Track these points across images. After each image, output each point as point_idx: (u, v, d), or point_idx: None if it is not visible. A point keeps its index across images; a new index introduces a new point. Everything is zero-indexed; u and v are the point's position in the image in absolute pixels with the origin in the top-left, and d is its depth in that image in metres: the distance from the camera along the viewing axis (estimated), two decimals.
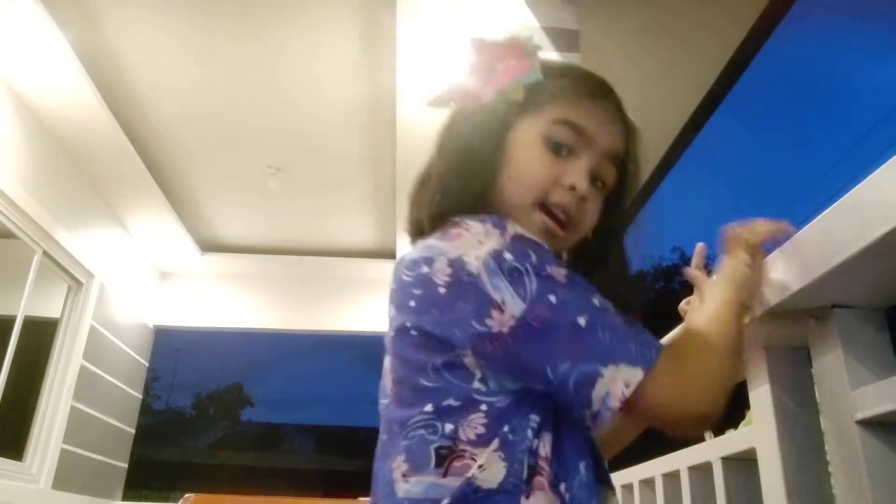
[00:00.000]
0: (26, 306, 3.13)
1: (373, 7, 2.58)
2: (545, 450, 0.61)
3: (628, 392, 0.58)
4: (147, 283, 4.50)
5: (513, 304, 0.60)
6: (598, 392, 0.58)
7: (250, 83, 3.09)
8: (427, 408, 0.62)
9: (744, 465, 1.00)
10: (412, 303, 0.65)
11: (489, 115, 0.74)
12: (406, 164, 3.04)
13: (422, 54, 2.46)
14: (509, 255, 0.62)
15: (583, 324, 0.60)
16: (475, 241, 0.63)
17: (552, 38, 2.21)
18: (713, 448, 1.07)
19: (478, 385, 0.62)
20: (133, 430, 4.35)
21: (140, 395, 4.43)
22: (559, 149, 0.72)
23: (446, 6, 2.35)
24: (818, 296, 0.72)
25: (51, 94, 2.88)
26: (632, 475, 1.42)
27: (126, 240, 4.11)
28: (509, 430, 0.60)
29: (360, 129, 3.35)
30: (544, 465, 0.60)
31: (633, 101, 0.77)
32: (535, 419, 0.62)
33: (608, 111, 0.74)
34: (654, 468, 1.32)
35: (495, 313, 0.60)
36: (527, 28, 2.19)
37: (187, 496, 3.13)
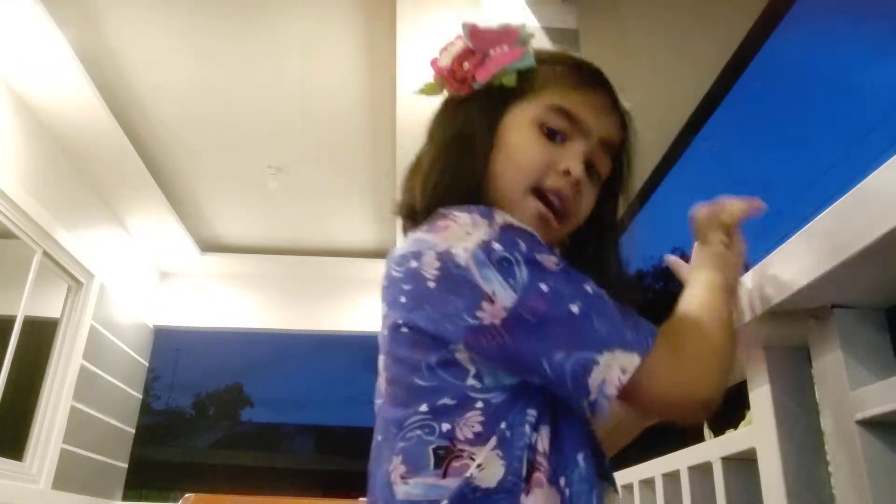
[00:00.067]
0: (26, 306, 3.14)
1: (373, 7, 2.58)
2: (543, 444, 0.60)
3: (625, 378, 0.57)
4: (147, 283, 4.50)
5: (504, 295, 0.58)
6: (594, 380, 0.57)
7: (250, 83, 3.09)
8: (422, 407, 0.61)
9: (744, 466, 1.00)
10: (403, 299, 0.64)
11: (482, 101, 0.73)
12: (406, 165, 3.03)
13: (422, 54, 2.46)
14: (498, 244, 0.60)
15: (576, 311, 0.58)
16: (463, 233, 0.62)
17: (552, 38, 2.21)
18: (713, 448, 1.07)
19: (472, 382, 0.61)
20: (133, 430, 4.35)
21: (140, 395, 4.43)
22: (553, 135, 0.71)
23: (446, 6, 2.35)
24: (818, 296, 0.72)
25: (51, 94, 2.88)
26: (632, 475, 1.42)
27: (126, 240, 4.11)
28: (507, 427, 0.59)
29: (360, 129, 3.35)
30: (542, 461, 0.59)
31: (633, 101, 0.76)
32: (532, 413, 0.61)
33: (603, 100, 0.73)
34: (654, 468, 1.32)
35: (486, 305, 0.58)
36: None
37: (187, 496, 3.14)
